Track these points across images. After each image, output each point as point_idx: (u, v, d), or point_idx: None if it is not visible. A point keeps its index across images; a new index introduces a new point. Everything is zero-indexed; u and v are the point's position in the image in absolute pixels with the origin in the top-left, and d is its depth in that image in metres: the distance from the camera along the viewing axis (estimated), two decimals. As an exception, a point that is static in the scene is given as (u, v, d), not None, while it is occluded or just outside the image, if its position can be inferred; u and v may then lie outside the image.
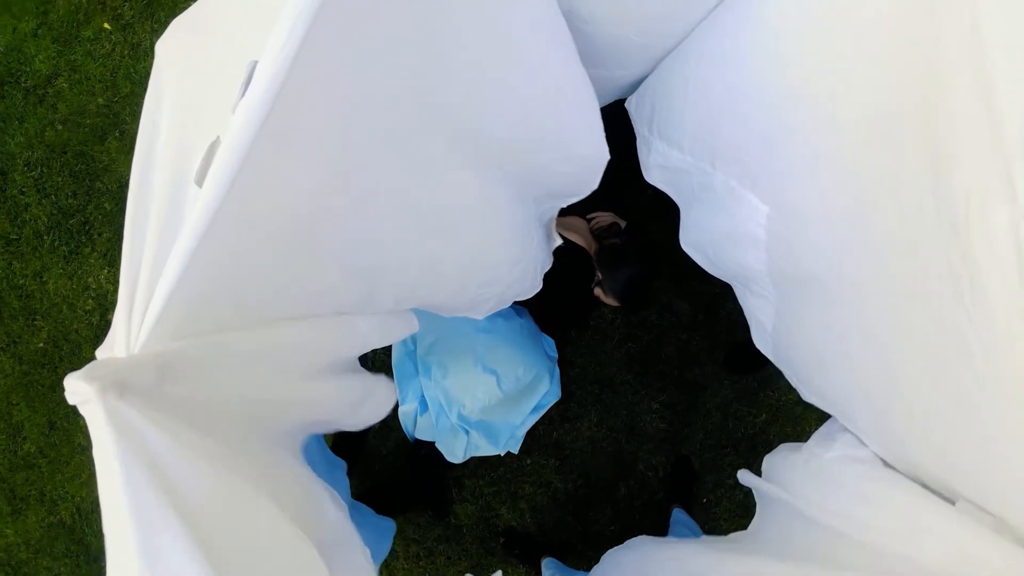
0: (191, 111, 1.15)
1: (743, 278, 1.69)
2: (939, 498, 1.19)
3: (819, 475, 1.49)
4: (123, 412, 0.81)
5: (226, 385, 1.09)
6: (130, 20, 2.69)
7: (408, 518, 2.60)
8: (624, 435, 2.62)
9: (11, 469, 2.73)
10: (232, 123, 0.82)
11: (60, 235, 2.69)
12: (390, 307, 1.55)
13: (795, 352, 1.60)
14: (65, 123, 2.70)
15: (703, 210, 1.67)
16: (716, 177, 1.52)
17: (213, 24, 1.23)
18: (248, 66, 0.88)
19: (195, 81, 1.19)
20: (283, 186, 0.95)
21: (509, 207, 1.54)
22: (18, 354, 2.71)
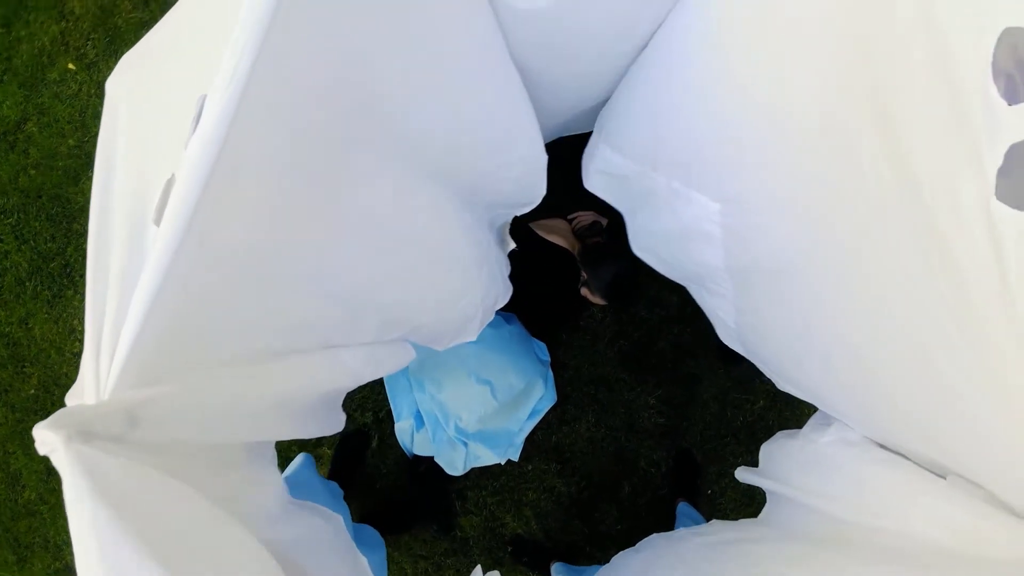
0: (146, 148, 1.13)
1: (699, 277, 1.66)
2: (931, 474, 1.18)
3: (815, 461, 1.47)
4: (90, 459, 0.79)
5: (201, 431, 1.06)
6: (94, 59, 2.67)
7: (414, 534, 2.58)
8: (623, 433, 2.61)
9: (13, 518, 2.71)
10: (185, 160, 0.80)
11: (42, 280, 2.67)
12: (376, 335, 1.52)
13: (763, 346, 1.58)
14: (38, 167, 2.67)
15: (648, 215, 1.64)
16: (658, 180, 1.49)
17: (162, 58, 1.21)
18: (198, 101, 0.87)
19: (148, 117, 1.16)
20: (241, 219, 0.93)
21: (460, 214, 1.53)
22: (10, 402, 2.68)
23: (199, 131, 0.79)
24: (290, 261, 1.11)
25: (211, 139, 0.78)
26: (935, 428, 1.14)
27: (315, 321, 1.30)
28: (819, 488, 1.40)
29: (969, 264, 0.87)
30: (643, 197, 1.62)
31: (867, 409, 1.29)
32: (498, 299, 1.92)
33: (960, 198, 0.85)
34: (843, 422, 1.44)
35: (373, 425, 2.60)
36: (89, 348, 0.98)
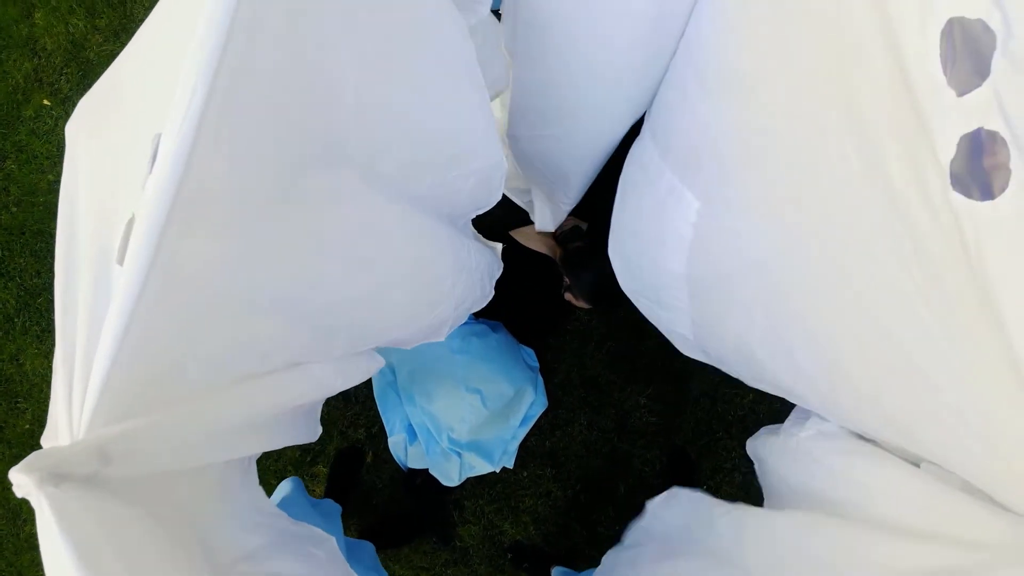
0: (106, 188, 1.13)
1: (655, 289, 1.68)
2: (906, 463, 1.18)
3: (795, 455, 1.48)
4: (61, 502, 0.79)
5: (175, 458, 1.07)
6: (68, 93, 2.68)
7: (414, 547, 2.59)
8: (616, 434, 2.61)
9: (16, 552, 2.71)
10: (143, 200, 0.81)
11: (30, 315, 2.67)
12: (346, 350, 1.53)
13: (725, 351, 1.59)
14: (19, 204, 2.67)
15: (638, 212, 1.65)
16: (665, 175, 1.51)
17: (116, 99, 1.21)
18: (153, 139, 0.87)
19: (106, 158, 1.17)
20: (203, 253, 0.93)
21: (429, 226, 1.54)
22: (6, 438, 2.69)
23: (155, 170, 0.79)
24: (256, 290, 1.11)
25: (168, 177, 0.78)
26: (908, 418, 1.14)
27: (285, 343, 1.30)
28: (799, 480, 1.42)
29: (940, 254, 0.88)
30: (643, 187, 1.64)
31: (836, 403, 1.30)
32: (474, 305, 1.93)
33: (927, 188, 0.86)
34: (817, 415, 1.45)
35: (367, 441, 2.60)
36: (61, 389, 0.98)
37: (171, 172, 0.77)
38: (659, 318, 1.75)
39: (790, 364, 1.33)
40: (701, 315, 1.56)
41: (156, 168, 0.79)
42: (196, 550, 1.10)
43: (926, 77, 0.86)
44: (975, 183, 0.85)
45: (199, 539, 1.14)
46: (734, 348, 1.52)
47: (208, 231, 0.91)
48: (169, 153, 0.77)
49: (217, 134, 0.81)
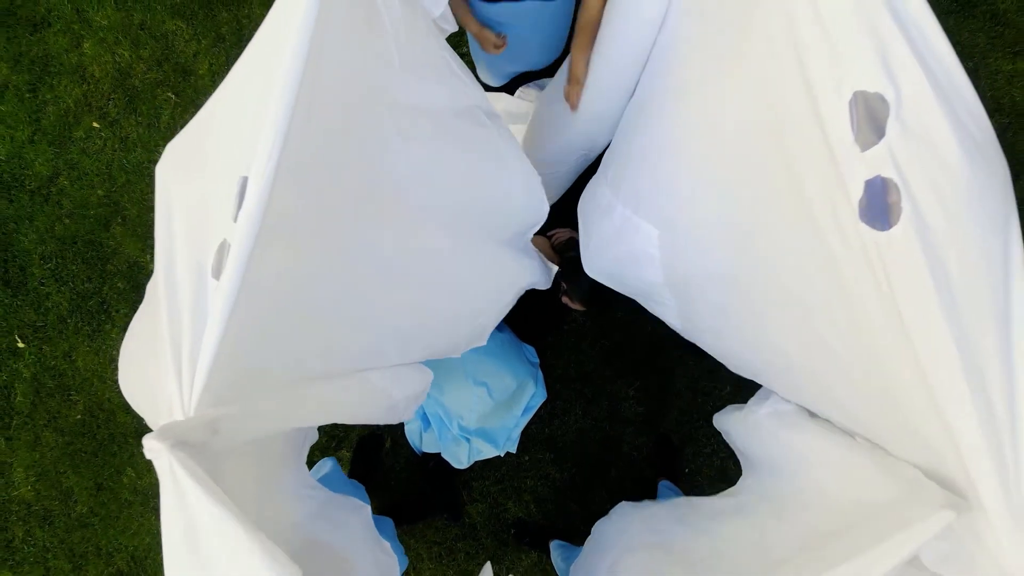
0: (197, 218, 1.37)
1: (646, 293, 1.93)
2: (845, 436, 1.43)
3: (754, 428, 1.73)
4: (184, 459, 1.05)
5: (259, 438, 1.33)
6: (116, 117, 2.90)
7: (427, 523, 2.82)
8: (608, 422, 2.85)
9: (67, 530, 2.94)
10: (236, 230, 1.07)
11: (82, 317, 2.90)
12: (397, 358, 1.77)
13: (707, 341, 1.84)
14: (71, 216, 2.90)
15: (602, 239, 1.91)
16: (617, 208, 1.76)
17: (199, 147, 1.45)
18: (239, 182, 1.13)
19: (195, 194, 1.41)
20: (281, 272, 1.20)
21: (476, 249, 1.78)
22: (59, 428, 2.92)
23: (244, 208, 1.06)
24: (322, 302, 1.37)
25: (253, 214, 1.05)
26: (844, 401, 1.40)
27: (345, 347, 1.56)
28: (756, 449, 1.67)
29: (852, 269, 1.13)
30: (601, 219, 1.89)
31: (792, 385, 1.55)
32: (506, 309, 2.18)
33: (840, 220, 1.12)
34: (779, 396, 1.70)
35: (385, 428, 2.84)
36: (172, 376, 1.22)
37: (256, 211, 1.05)
38: (656, 312, 2.00)
39: (756, 353, 1.59)
40: (685, 311, 1.80)
41: (244, 206, 1.06)
42: (265, 506, 1.36)
43: (839, 134, 1.12)
44: (876, 217, 1.11)
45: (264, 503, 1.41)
46: (713, 337, 1.78)
47: (283, 254, 1.17)
48: (254, 196, 1.05)
49: (288, 183, 1.08)
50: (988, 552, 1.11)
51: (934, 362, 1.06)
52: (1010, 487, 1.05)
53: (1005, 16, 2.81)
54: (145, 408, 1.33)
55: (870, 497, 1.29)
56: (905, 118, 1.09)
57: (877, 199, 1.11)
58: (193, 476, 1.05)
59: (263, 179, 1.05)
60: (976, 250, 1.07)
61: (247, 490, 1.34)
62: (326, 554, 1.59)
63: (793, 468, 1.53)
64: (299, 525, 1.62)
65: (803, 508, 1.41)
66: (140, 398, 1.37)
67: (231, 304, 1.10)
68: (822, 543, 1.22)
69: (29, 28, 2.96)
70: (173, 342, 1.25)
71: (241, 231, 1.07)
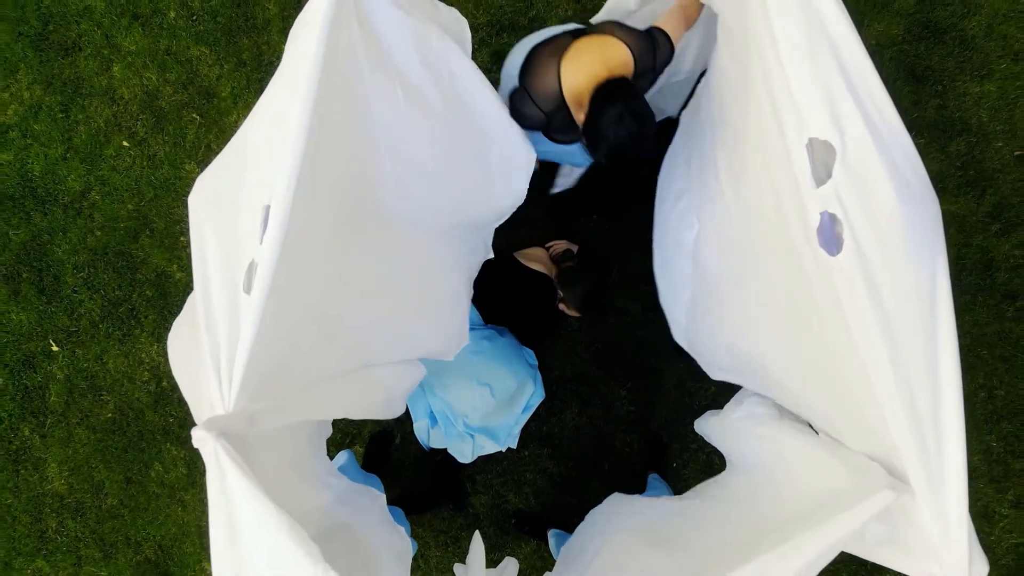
0: (227, 242, 1.55)
1: (672, 278, 2.16)
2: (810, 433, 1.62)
3: (731, 430, 1.92)
4: (227, 448, 1.24)
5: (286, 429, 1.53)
6: (144, 136, 3.08)
7: (434, 513, 3.01)
8: (601, 420, 3.03)
9: (99, 521, 3.12)
10: (262, 252, 1.28)
11: (112, 322, 3.08)
12: (400, 355, 1.97)
13: (700, 339, 2.04)
14: (102, 229, 3.08)
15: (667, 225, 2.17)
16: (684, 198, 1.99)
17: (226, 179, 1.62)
18: (263, 210, 1.33)
19: (224, 219, 1.58)
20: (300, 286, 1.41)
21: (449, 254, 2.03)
22: (91, 425, 3.10)
23: (267, 233, 1.29)
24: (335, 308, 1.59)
25: (276, 238, 1.28)
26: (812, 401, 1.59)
27: (356, 348, 1.75)
28: (731, 449, 1.86)
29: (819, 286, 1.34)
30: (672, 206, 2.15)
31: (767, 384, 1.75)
32: None
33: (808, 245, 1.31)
34: (754, 398, 1.88)
35: (395, 426, 3.02)
36: (211, 377, 1.41)
37: (278, 235, 1.27)
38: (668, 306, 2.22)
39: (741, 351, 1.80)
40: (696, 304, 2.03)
41: (267, 232, 1.29)
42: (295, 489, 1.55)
43: (802, 172, 1.30)
44: (828, 244, 1.29)
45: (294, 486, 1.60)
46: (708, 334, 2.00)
47: (303, 271, 1.36)
48: (276, 223, 1.27)
49: (303, 210, 1.31)
50: (920, 533, 1.29)
51: (873, 371, 1.25)
52: (932, 477, 1.24)
53: (973, 42, 2.98)
54: (193, 402, 1.52)
55: (830, 483, 1.48)
56: (849, 162, 1.29)
57: (827, 229, 1.30)
58: (234, 461, 1.24)
59: (283, 208, 1.29)
60: (907, 277, 1.26)
61: (280, 475, 1.54)
62: (349, 536, 1.77)
63: (767, 462, 1.71)
64: (324, 508, 1.81)
65: (778, 496, 1.59)
66: (189, 393, 1.56)
67: (261, 313, 1.31)
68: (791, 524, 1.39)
69: (61, 52, 3.13)
70: (212, 348, 1.44)
71: (266, 252, 1.29)
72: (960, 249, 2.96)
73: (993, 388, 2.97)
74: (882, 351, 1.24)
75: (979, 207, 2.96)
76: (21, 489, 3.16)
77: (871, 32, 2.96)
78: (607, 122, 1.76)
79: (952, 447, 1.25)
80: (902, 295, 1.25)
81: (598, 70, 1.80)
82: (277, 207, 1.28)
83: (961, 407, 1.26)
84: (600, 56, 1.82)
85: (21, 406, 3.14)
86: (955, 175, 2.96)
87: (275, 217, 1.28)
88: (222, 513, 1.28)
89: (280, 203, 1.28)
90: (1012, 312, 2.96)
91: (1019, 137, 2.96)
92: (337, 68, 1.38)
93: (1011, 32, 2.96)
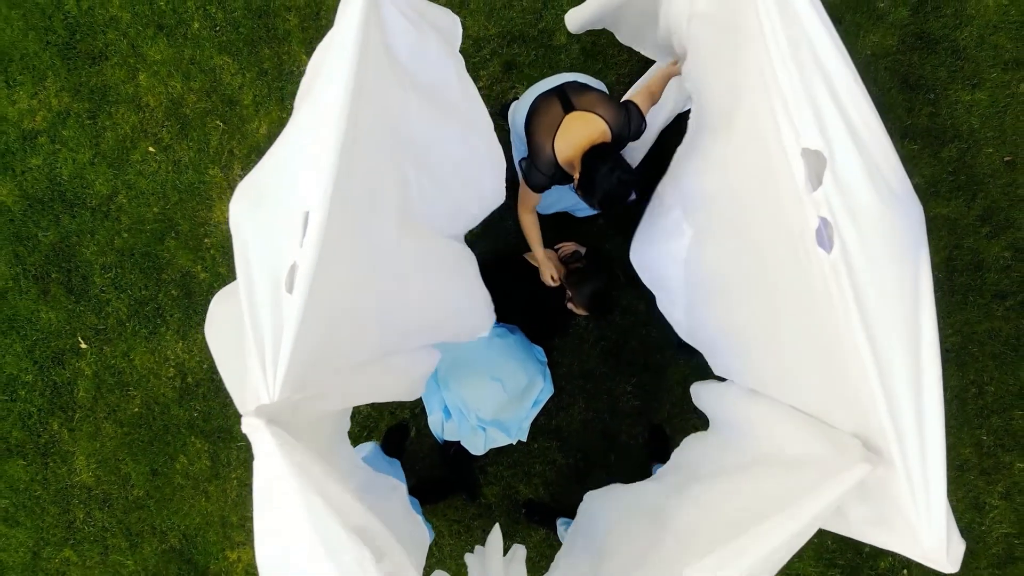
0: (269, 245, 1.66)
1: (667, 288, 2.25)
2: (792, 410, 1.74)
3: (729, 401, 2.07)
4: (275, 432, 1.36)
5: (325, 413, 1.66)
6: (169, 142, 3.20)
7: (448, 503, 3.13)
8: (608, 415, 3.16)
9: (125, 511, 3.25)
10: (303, 254, 1.40)
11: (139, 321, 3.20)
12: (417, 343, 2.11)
13: (702, 336, 2.16)
14: (129, 231, 3.20)
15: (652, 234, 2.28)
16: (675, 211, 2.11)
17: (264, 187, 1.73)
18: (303, 216, 1.45)
19: (263, 224, 1.69)
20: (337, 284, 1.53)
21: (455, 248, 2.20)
22: (118, 420, 3.22)
23: (308, 237, 1.42)
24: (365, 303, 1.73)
25: (315, 242, 1.41)
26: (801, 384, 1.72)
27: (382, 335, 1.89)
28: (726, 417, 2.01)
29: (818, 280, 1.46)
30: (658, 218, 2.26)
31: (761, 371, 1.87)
32: None
33: (808, 243, 1.43)
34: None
35: (411, 419, 3.15)
36: (256, 369, 1.52)
37: (317, 239, 1.41)
38: (666, 309, 2.35)
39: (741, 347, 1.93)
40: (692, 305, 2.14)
41: (308, 236, 1.42)
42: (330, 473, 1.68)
43: (801, 179, 1.42)
44: (823, 242, 1.41)
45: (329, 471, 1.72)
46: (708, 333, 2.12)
47: (338, 271, 1.50)
48: (315, 228, 1.41)
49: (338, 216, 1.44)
50: (902, 512, 1.41)
51: (856, 357, 1.38)
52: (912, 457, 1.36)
53: (965, 51, 3.09)
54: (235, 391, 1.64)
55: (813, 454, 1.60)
56: (836, 171, 1.41)
57: (822, 232, 1.42)
58: (282, 447, 1.36)
59: (321, 214, 1.42)
60: (890, 275, 1.38)
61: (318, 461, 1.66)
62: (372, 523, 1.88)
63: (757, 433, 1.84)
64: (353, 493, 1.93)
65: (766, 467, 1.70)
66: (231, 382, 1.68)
67: (303, 311, 1.44)
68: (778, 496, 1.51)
69: (88, 61, 3.25)
70: (256, 341, 1.55)
71: (307, 255, 1.43)
72: (952, 251, 3.08)
73: (984, 384, 3.09)
74: (863, 341, 1.36)
75: (970, 210, 3.08)
76: (50, 481, 3.29)
77: (867, 43, 3.08)
78: (600, 177, 2.25)
79: (932, 428, 1.37)
80: (886, 289, 1.37)
81: (583, 143, 2.33)
82: (316, 213, 1.41)
83: (940, 393, 1.38)
84: (584, 132, 2.34)
85: (50, 401, 3.26)
86: (947, 180, 3.08)
87: (314, 223, 1.41)
88: (268, 496, 1.40)
89: (319, 210, 1.41)
90: (1002, 311, 3.08)
91: (1008, 143, 3.08)
92: (365, 85, 1.50)
93: (1001, 42, 3.08)
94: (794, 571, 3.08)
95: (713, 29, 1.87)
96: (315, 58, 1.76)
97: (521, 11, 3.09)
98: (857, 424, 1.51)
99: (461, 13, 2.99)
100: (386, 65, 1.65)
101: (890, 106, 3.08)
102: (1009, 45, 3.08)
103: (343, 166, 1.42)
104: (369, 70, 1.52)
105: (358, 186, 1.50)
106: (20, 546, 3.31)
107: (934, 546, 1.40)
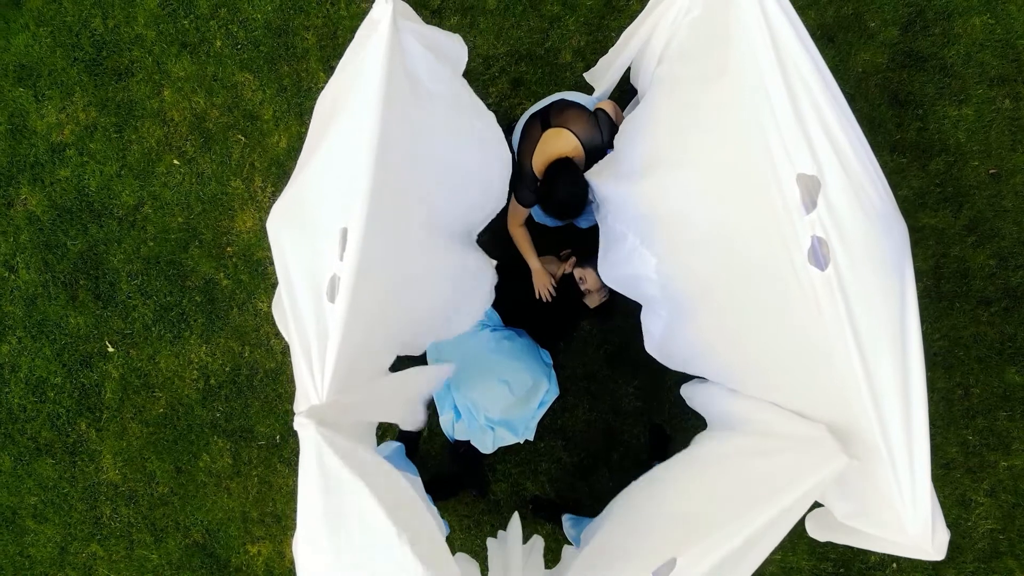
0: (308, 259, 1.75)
1: (648, 303, 2.35)
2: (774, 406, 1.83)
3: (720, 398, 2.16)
4: (324, 432, 1.45)
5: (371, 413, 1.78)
6: (193, 155, 3.29)
7: (458, 499, 3.22)
8: (611, 415, 3.25)
9: (150, 507, 3.34)
10: (344, 267, 1.52)
11: (164, 326, 3.30)
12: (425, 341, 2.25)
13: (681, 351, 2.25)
14: (155, 240, 3.30)
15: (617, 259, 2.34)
16: (629, 237, 2.17)
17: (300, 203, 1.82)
18: (341, 232, 1.54)
19: (301, 238, 1.78)
20: (373, 294, 1.63)
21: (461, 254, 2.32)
22: (144, 420, 3.32)
23: (348, 250, 1.54)
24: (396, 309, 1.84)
25: (354, 256, 1.52)
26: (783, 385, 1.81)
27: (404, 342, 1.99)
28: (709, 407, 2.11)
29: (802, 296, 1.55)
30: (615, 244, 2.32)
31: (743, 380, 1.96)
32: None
33: (795, 261, 1.53)
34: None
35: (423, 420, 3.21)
36: (304, 372, 1.62)
37: (356, 252, 1.52)
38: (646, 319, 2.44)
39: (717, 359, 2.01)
40: (673, 322, 2.22)
41: (348, 249, 1.53)
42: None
43: (794, 202, 1.50)
44: (816, 261, 1.50)
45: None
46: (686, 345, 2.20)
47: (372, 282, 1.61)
48: (354, 242, 1.52)
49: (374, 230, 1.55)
50: (888, 504, 1.50)
51: (845, 365, 1.47)
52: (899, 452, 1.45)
53: (952, 69, 3.19)
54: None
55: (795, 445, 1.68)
56: (828, 194, 1.49)
57: (816, 249, 1.51)
58: (332, 445, 1.46)
59: (360, 229, 1.53)
60: (876, 289, 1.48)
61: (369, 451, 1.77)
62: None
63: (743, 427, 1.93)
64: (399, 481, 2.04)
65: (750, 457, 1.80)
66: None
67: (345, 319, 1.54)
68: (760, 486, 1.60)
69: (114, 77, 3.34)
70: (302, 344, 1.65)
71: (347, 267, 1.53)
72: (939, 259, 3.17)
73: (969, 387, 3.18)
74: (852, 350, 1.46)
75: (957, 221, 3.17)
76: (77, 479, 3.39)
77: (858, 60, 3.17)
78: (554, 188, 2.50)
79: (917, 422, 1.47)
80: (870, 303, 1.47)
81: (554, 155, 2.55)
82: (354, 232, 1.52)
83: (924, 389, 1.48)
84: (557, 146, 2.55)
85: (78, 402, 3.36)
86: (935, 191, 3.17)
87: (353, 237, 1.52)
88: (314, 488, 1.49)
89: (357, 228, 1.52)
90: (987, 317, 3.17)
91: (994, 156, 3.18)
92: (393, 110, 1.60)
93: (988, 60, 3.17)
94: (788, 564, 3.16)
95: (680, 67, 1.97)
96: (336, 79, 1.84)
97: (528, 31, 3.19)
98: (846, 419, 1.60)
99: (472, 32, 3.08)
100: (407, 88, 1.74)
101: (880, 121, 3.17)
102: (995, 62, 3.18)
103: (376, 188, 1.52)
104: (396, 96, 1.62)
105: (388, 204, 1.61)
106: (48, 541, 3.41)
107: (919, 532, 1.48)
